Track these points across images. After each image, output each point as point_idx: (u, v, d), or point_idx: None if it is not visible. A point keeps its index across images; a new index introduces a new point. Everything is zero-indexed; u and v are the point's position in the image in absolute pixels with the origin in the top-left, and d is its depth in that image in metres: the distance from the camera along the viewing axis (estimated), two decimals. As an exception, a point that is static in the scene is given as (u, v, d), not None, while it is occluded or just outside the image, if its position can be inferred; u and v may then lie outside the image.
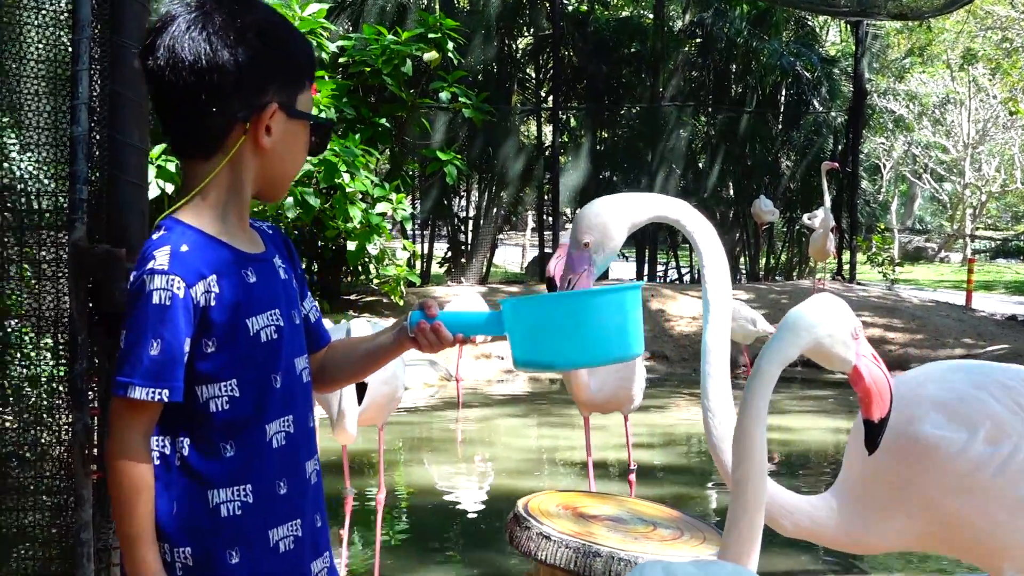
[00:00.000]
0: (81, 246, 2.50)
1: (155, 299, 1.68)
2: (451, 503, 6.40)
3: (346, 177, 11.07)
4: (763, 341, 7.82)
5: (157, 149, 10.79)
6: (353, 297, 12.77)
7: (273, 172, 1.83)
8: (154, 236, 1.75)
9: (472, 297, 9.27)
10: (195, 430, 1.74)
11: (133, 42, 2.55)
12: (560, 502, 4.09)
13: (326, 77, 11.68)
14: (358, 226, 11.47)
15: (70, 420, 2.55)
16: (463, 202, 16.74)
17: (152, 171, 10.65)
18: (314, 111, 2.37)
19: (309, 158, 11.91)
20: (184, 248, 1.72)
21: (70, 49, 2.52)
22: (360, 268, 11.95)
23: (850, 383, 2.21)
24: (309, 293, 2.00)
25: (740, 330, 9.71)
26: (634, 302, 1.89)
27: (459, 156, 13.09)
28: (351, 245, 11.58)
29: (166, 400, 1.69)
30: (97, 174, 2.58)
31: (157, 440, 1.74)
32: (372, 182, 11.60)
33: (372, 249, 11.37)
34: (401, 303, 11.72)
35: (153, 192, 10.71)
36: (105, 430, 2.53)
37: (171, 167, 10.72)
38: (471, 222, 16.15)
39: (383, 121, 12.22)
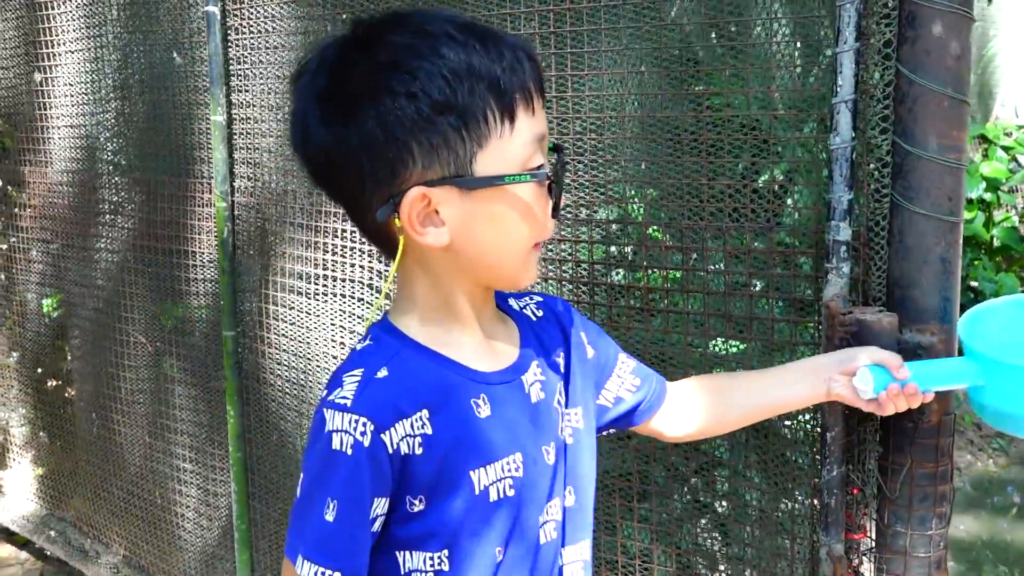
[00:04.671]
0: (833, 308, 1.73)
1: (334, 443, 1.23)
2: None
3: None
4: None
5: None
6: None
7: (482, 262, 1.29)
8: (358, 346, 1.32)
9: None
10: None
11: (932, -4, 1.65)
12: None
13: None
14: None
15: (815, 539, 1.84)
16: None
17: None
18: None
19: None
20: (382, 373, 1.26)
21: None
22: None
23: None
24: (618, 364, 1.53)
25: None
26: None
27: None
28: None
29: None
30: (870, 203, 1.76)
31: None
32: None
33: None
34: None
35: None
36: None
37: None
38: None
39: None
